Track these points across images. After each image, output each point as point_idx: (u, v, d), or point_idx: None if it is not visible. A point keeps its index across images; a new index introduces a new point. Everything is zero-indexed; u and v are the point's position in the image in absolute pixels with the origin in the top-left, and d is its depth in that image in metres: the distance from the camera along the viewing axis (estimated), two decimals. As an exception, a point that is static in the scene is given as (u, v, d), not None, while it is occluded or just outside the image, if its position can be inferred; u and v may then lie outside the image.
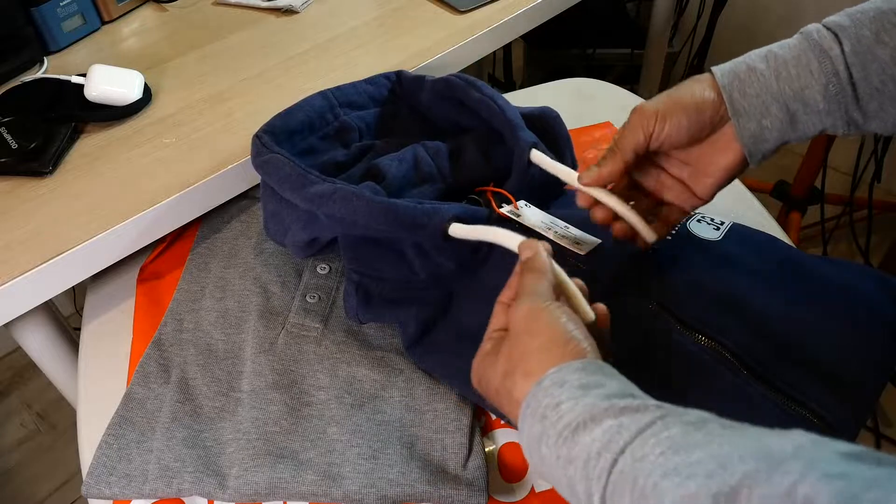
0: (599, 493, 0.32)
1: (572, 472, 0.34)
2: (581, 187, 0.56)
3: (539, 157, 0.63)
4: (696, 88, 0.51)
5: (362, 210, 0.57)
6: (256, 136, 0.67)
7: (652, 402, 0.35)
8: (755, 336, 0.53)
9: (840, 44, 0.47)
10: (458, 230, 0.57)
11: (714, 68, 0.51)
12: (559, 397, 0.36)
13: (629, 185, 0.59)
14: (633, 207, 0.55)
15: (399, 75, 0.78)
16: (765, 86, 0.49)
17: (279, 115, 0.70)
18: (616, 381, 0.37)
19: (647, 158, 0.56)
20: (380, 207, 0.57)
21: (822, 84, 0.47)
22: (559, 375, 0.38)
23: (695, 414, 0.33)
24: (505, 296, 0.48)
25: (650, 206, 0.59)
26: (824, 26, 0.48)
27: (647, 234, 0.55)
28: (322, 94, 0.74)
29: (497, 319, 0.48)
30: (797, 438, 0.29)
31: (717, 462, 0.29)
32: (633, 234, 0.57)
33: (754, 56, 0.50)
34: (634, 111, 0.53)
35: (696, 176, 0.55)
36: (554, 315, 0.42)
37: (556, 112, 0.72)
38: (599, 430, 0.33)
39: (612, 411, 0.34)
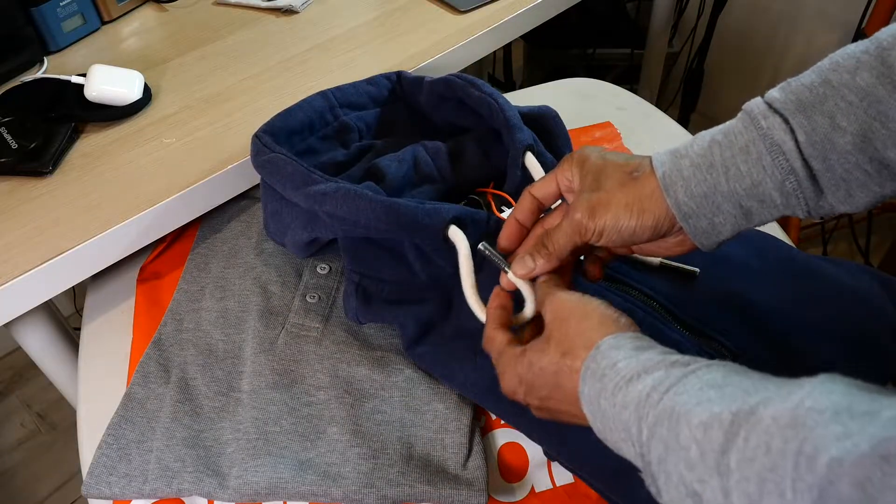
0: (647, 428, 0.35)
1: (626, 416, 0.37)
2: (511, 277, 0.51)
3: (531, 163, 0.64)
4: (636, 187, 0.46)
5: (364, 209, 0.57)
6: (256, 136, 0.67)
7: (701, 358, 0.37)
8: (755, 336, 0.53)
9: (793, 133, 0.41)
10: (455, 234, 0.57)
11: (655, 163, 0.46)
12: (616, 357, 0.39)
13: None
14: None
15: (399, 76, 0.78)
16: (713, 185, 0.43)
17: (279, 115, 0.70)
18: (663, 347, 0.40)
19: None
20: (381, 206, 0.57)
21: (778, 181, 0.42)
22: (615, 341, 0.40)
23: (738, 366, 0.36)
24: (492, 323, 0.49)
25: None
26: (770, 107, 0.43)
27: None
28: (322, 94, 0.74)
29: (500, 336, 0.49)
30: (819, 376, 0.32)
31: (744, 391, 0.32)
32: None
33: (695, 145, 0.45)
34: (573, 207, 0.48)
35: (642, 251, 0.52)
36: (596, 301, 0.45)
37: (554, 111, 0.72)
38: (650, 378, 0.36)
39: (663, 364, 0.37)
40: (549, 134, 0.70)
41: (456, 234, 0.57)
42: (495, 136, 0.70)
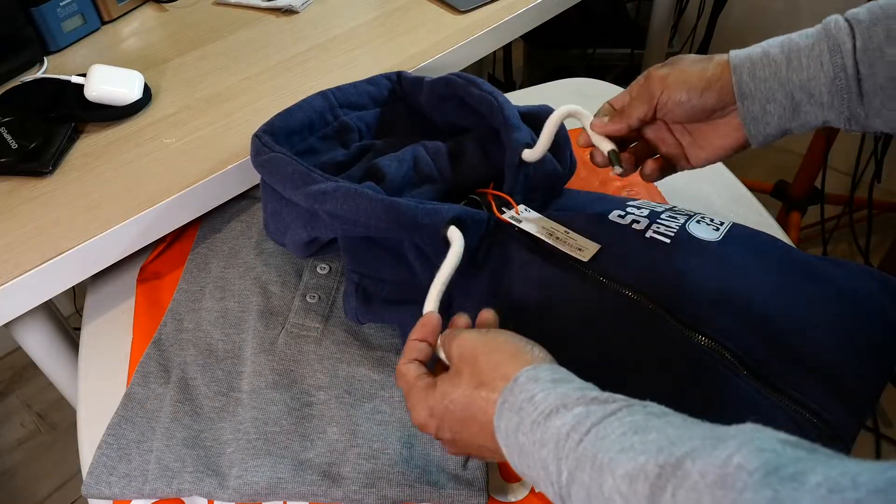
0: (567, 470, 0.34)
1: (545, 454, 0.36)
2: (588, 130, 0.59)
3: (529, 154, 0.64)
4: (709, 67, 0.52)
5: (364, 207, 0.57)
6: (256, 136, 0.67)
7: (620, 396, 0.37)
8: (755, 336, 0.53)
9: (854, 38, 0.47)
10: (453, 234, 0.57)
11: (732, 51, 0.52)
12: (533, 391, 0.39)
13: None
14: (630, 148, 0.60)
15: (399, 76, 0.78)
16: (774, 72, 0.50)
17: (279, 115, 0.70)
18: (581, 381, 0.40)
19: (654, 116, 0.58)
20: (381, 205, 0.57)
21: (830, 77, 0.48)
22: (533, 373, 0.40)
23: (658, 407, 0.36)
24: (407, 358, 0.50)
25: (645, 152, 0.60)
26: (844, 18, 0.49)
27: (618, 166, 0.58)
28: (322, 94, 0.74)
29: (412, 370, 0.49)
30: (745, 426, 0.31)
31: (669, 440, 0.32)
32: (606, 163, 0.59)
33: (773, 41, 0.51)
34: (646, 77, 0.54)
35: (693, 146, 0.57)
36: (505, 334, 0.46)
37: (553, 110, 0.72)
38: (570, 416, 0.36)
39: (582, 400, 0.37)
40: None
41: (454, 235, 0.57)
42: (495, 136, 0.70)
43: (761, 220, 0.76)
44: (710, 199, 0.80)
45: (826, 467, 0.27)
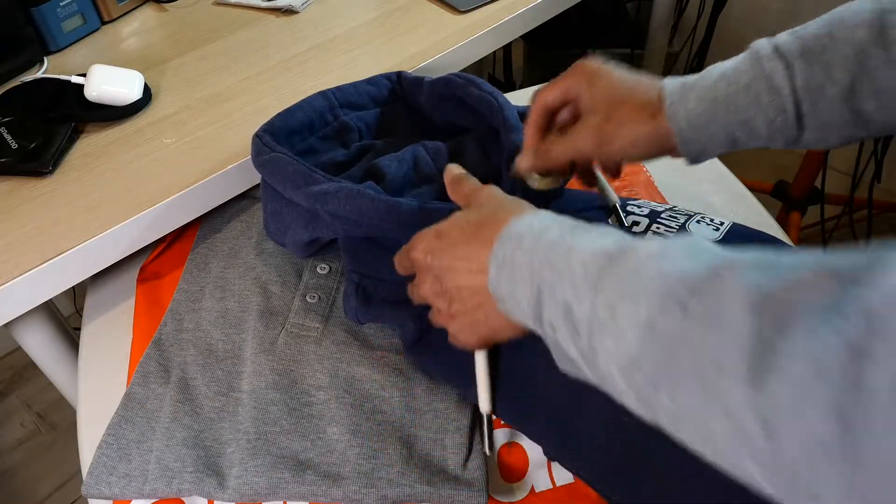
0: (549, 264, 0.40)
1: (536, 261, 0.41)
2: (515, 169, 0.60)
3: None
4: (644, 119, 0.51)
5: (366, 208, 0.57)
6: (257, 136, 0.67)
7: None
8: None
9: (791, 79, 0.47)
10: None
11: (664, 93, 0.51)
12: (533, 221, 0.44)
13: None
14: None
15: (399, 76, 0.78)
16: (712, 116, 0.49)
17: (279, 115, 0.70)
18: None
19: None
20: (384, 205, 0.57)
21: (769, 118, 0.48)
22: (535, 213, 0.46)
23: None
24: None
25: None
26: (776, 51, 0.48)
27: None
28: (322, 94, 0.74)
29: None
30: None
31: (628, 237, 0.38)
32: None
33: (706, 81, 0.50)
34: (581, 134, 0.53)
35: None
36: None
37: None
38: (559, 226, 0.42)
39: (574, 226, 0.42)
40: None
41: None
42: (495, 136, 0.70)
43: (761, 220, 0.76)
44: (710, 198, 0.80)
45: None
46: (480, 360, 0.55)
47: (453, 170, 0.55)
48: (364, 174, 0.68)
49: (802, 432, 0.26)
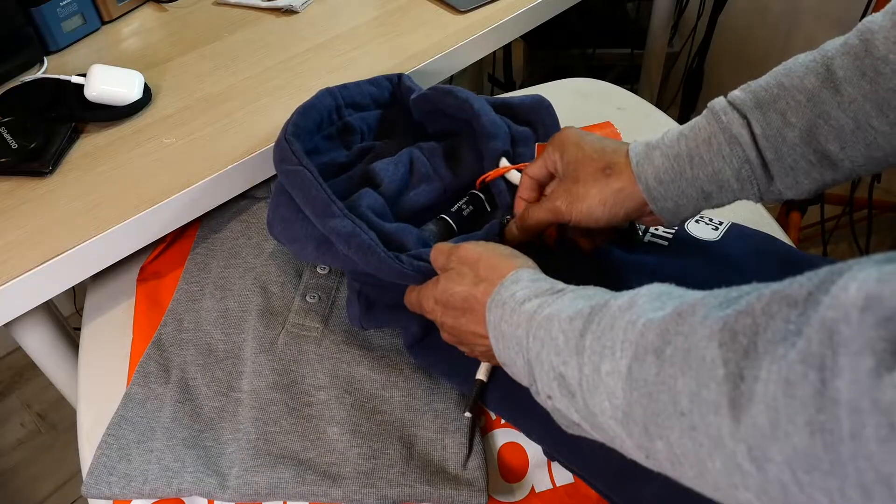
0: (532, 336, 0.42)
1: (520, 333, 0.43)
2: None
3: (505, 169, 0.66)
4: (610, 183, 0.53)
5: (373, 261, 0.58)
6: (286, 140, 0.65)
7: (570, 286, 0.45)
8: None
9: (749, 127, 0.48)
10: None
11: (631, 154, 0.52)
12: (515, 289, 0.46)
13: None
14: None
15: (400, 79, 0.79)
16: (679, 173, 0.50)
17: (299, 113, 0.69)
18: (557, 281, 0.47)
19: None
20: (389, 265, 0.57)
21: (735, 168, 0.49)
22: (516, 275, 0.47)
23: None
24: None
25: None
26: (731, 105, 0.49)
27: None
28: (330, 92, 0.73)
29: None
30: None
31: (607, 296, 0.40)
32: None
33: (668, 140, 0.51)
34: (553, 195, 0.56)
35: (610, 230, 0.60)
36: (499, 245, 0.53)
37: (547, 102, 0.73)
38: (538, 301, 0.44)
39: (551, 290, 0.45)
40: (542, 126, 0.72)
41: None
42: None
43: (761, 220, 0.76)
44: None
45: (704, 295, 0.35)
46: None
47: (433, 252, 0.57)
48: (362, 178, 0.68)
49: (785, 452, 0.26)
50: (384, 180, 0.66)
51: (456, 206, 0.68)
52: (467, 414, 0.58)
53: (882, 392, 0.23)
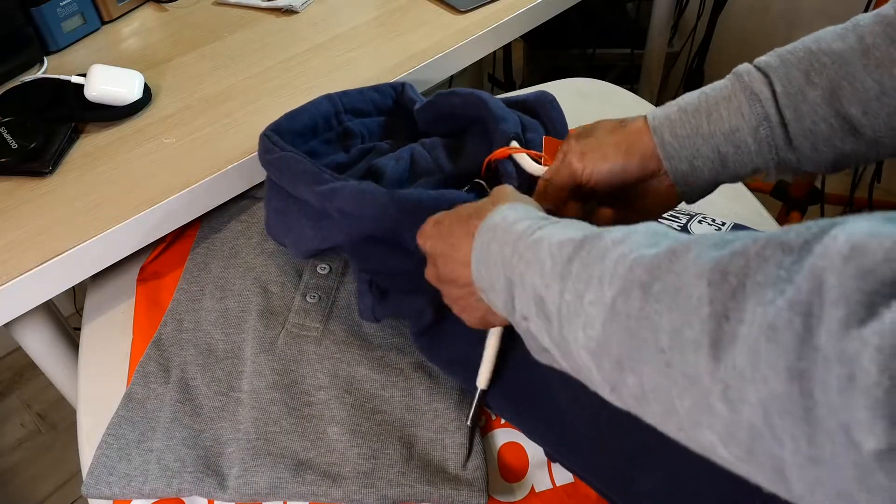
0: (518, 255, 0.41)
1: (507, 251, 0.42)
2: None
3: (514, 150, 0.65)
4: (626, 134, 0.52)
5: (369, 202, 0.58)
6: (265, 135, 0.67)
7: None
8: None
9: (771, 85, 0.48)
10: None
11: (649, 113, 0.52)
12: (507, 213, 0.45)
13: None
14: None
15: (403, 87, 0.79)
16: (696, 128, 0.49)
17: (285, 116, 0.70)
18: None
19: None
20: (386, 197, 0.57)
21: (753, 126, 0.48)
22: (511, 204, 0.46)
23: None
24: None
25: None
26: (755, 67, 0.49)
27: None
28: (329, 98, 0.74)
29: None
30: None
31: (596, 229, 0.39)
32: None
33: (688, 97, 0.51)
34: (564, 153, 0.54)
35: (630, 208, 0.56)
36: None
37: (551, 96, 0.73)
38: (530, 220, 0.43)
39: (544, 218, 0.43)
40: (548, 119, 0.71)
41: None
42: (488, 128, 0.70)
43: (761, 220, 0.76)
44: (711, 198, 0.79)
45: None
46: (493, 338, 0.56)
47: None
48: (363, 174, 0.68)
49: (760, 395, 0.26)
50: (385, 173, 0.66)
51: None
52: (469, 423, 0.59)
53: (848, 343, 0.23)
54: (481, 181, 0.69)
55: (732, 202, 0.79)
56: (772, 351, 0.26)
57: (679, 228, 0.64)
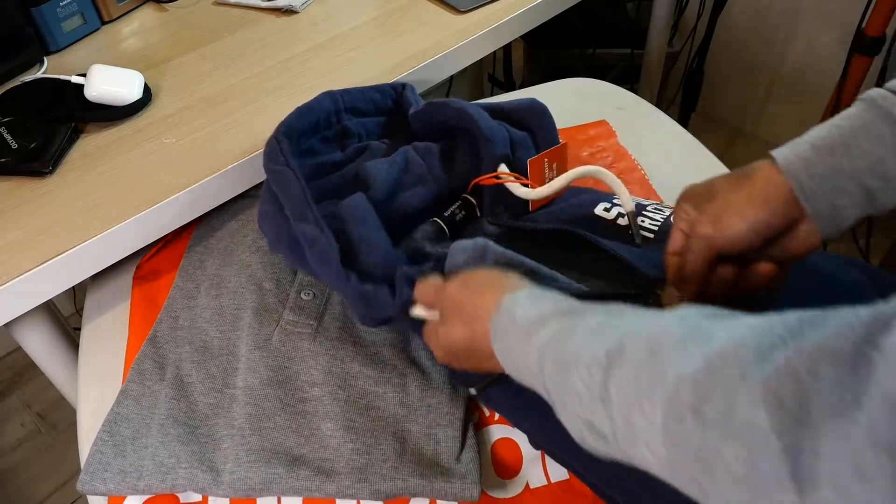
0: (548, 377, 0.40)
1: (532, 364, 0.41)
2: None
3: (529, 193, 0.66)
4: (755, 185, 0.46)
5: (327, 274, 0.58)
6: (276, 139, 0.66)
7: (588, 305, 0.42)
8: None
9: None
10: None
11: (774, 153, 0.46)
12: (515, 313, 0.44)
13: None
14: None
15: (403, 88, 0.79)
16: (834, 166, 0.44)
17: (295, 114, 0.70)
18: (556, 293, 0.45)
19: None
20: (339, 282, 0.57)
21: None
22: (512, 297, 0.45)
23: (618, 306, 0.40)
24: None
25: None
26: (890, 91, 0.44)
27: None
28: (330, 95, 0.74)
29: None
30: (680, 309, 0.36)
31: (615, 331, 0.37)
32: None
33: (815, 134, 0.46)
34: (690, 227, 0.48)
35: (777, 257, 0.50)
36: (477, 272, 0.51)
37: (543, 106, 0.73)
38: (545, 331, 0.41)
39: (555, 313, 0.42)
40: (539, 129, 0.72)
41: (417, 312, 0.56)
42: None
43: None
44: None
45: (733, 322, 0.32)
46: None
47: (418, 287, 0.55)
48: (355, 176, 0.68)
49: None
50: (376, 180, 0.66)
51: (450, 211, 0.68)
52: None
53: None
54: (471, 199, 0.69)
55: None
56: (866, 491, 0.24)
57: (662, 220, 0.64)
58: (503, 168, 0.67)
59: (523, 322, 0.42)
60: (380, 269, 0.59)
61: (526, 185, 0.66)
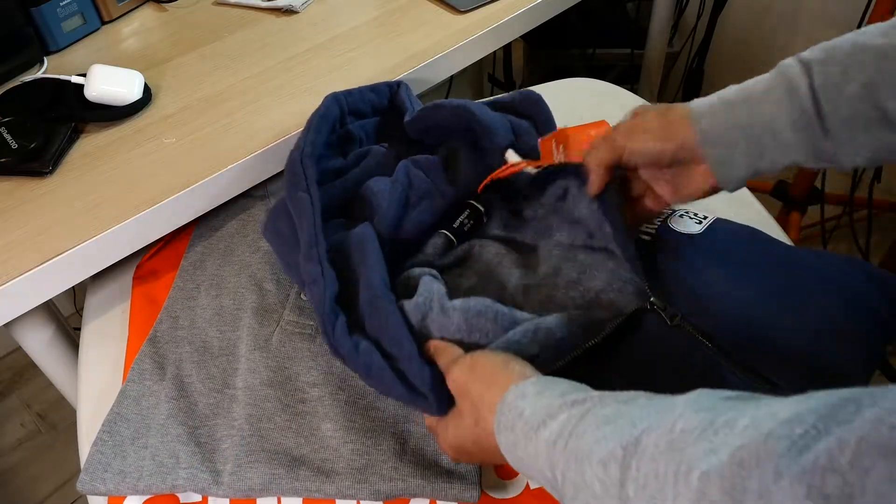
0: (560, 473, 0.39)
1: (541, 462, 0.40)
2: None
3: (513, 159, 0.65)
4: (669, 118, 0.54)
5: (319, 319, 0.57)
6: (300, 161, 0.65)
7: (595, 392, 0.42)
8: (734, 325, 0.54)
9: (810, 78, 0.49)
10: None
11: (692, 102, 0.54)
12: (521, 407, 0.43)
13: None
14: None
15: (399, 86, 0.79)
16: (734, 116, 0.51)
17: (314, 130, 0.69)
18: (564, 383, 0.44)
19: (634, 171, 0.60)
20: (325, 333, 0.56)
21: (791, 117, 0.49)
22: (518, 390, 0.45)
23: (628, 394, 0.40)
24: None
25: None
26: (797, 59, 0.50)
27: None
28: (336, 100, 0.73)
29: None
30: (694, 391, 0.36)
31: (630, 422, 0.36)
32: None
33: (730, 89, 0.53)
34: (612, 129, 0.57)
35: (673, 194, 0.59)
36: (484, 356, 0.51)
37: (536, 95, 0.73)
38: (555, 424, 0.40)
39: (564, 407, 0.41)
40: (538, 116, 0.72)
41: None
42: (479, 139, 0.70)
43: (761, 219, 0.76)
44: (710, 198, 0.80)
45: (755, 409, 0.31)
46: None
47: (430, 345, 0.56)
48: (356, 186, 0.67)
49: None
50: (382, 205, 0.65)
51: (458, 221, 0.68)
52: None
53: None
54: (479, 207, 0.69)
55: (731, 201, 0.79)
56: None
57: (658, 223, 0.64)
58: (511, 155, 0.66)
59: (530, 415, 0.42)
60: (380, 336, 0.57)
61: (539, 168, 0.66)
